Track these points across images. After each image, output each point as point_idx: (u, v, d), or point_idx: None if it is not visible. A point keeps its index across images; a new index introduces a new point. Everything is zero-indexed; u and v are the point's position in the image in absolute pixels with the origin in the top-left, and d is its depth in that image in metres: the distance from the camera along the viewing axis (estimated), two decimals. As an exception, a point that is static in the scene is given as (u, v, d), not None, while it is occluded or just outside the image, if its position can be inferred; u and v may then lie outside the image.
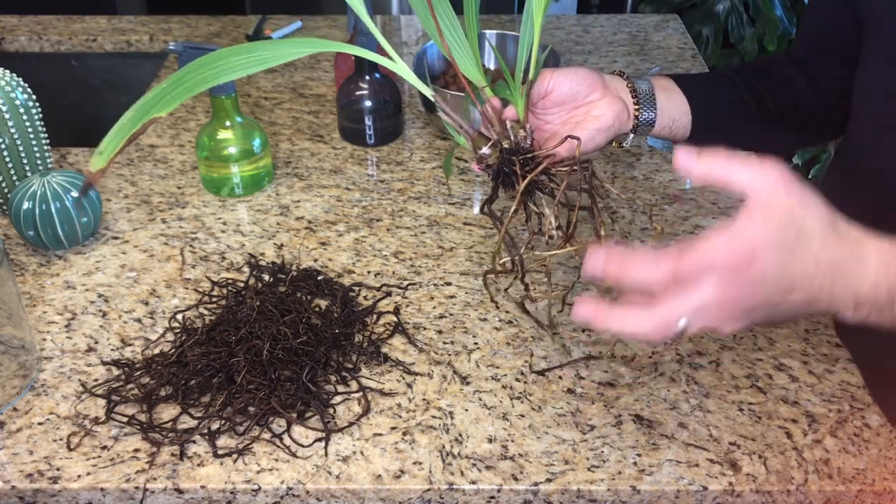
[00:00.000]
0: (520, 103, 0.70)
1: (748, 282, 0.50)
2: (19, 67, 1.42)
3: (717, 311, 0.51)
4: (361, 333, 0.82)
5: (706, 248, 0.50)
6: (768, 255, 0.50)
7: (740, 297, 0.51)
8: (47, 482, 0.68)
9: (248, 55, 0.60)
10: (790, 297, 0.52)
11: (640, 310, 0.51)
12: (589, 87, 0.74)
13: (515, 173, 0.67)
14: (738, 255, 0.50)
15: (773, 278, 0.51)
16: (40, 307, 0.86)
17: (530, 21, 0.69)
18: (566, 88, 0.73)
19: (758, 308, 0.52)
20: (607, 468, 0.69)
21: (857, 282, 0.53)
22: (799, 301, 0.53)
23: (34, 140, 0.96)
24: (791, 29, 1.96)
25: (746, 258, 0.50)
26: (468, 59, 0.70)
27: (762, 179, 0.50)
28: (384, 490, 0.68)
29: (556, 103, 0.74)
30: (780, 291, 0.52)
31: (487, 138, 0.69)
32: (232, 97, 0.98)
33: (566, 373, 0.78)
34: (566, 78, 0.73)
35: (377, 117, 1.11)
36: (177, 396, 0.74)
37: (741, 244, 0.50)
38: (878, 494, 0.68)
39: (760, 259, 0.50)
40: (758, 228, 0.50)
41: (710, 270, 0.50)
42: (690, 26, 1.98)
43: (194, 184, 1.06)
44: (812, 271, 0.52)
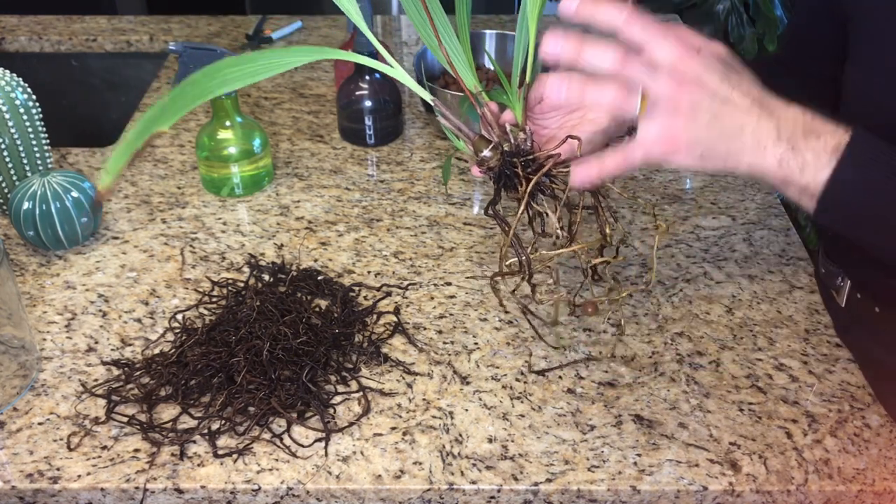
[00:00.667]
0: (517, 107, 0.70)
1: (693, 67, 0.60)
2: (19, 67, 1.42)
3: (667, 85, 0.60)
4: (361, 333, 0.82)
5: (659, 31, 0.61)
6: (709, 54, 0.61)
7: (686, 78, 0.60)
8: (47, 482, 0.68)
9: (248, 65, 0.60)
10: (727, 110, 0.61)
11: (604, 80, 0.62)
12: None
13: (518, 175, 0.67)
14: (687, 39, 0.61)
15: (714, 76, 0.60)
16: (40, 307, 0.86)
17: (525, 24, 0.69)
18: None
19: (703, 104, 0.61)
20: (607, 468, 0.69)
21: (781, 112, 0.62)
22: (733, 119, 0.61)
23: (34, 140, 0.96)
24: (791, 29, 1.96)
25: (693, 43, 0.61)
26: (462, 63, 0.70)
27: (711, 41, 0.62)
28: (384, 490, 0.68)
29: (552, 107, 0.75)
30: (720, 95, 0.61)
31: (488, 141, 0.69)
32: (232, 97, 0.98)
33: (566, 373, 0.78)
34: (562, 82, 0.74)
35: (377, 117, 1.11)
36: (177, 396, 0.74)
37: (689, 37, 0.61)
38: (878, 494, 0.68)
39: (703, 52, 0.61)
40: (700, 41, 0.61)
41: (662, 41, 0.60)
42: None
43: (194, 184, 1.06)
44: (745, 88, 0.62)
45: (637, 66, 0.60)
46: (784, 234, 0.97)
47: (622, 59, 0.60)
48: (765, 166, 0.62)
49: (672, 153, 0.62)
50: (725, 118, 0.61)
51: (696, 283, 0.90)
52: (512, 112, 0.71)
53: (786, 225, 0.99)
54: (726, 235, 0.97)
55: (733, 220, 1.00)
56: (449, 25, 0.69)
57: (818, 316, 0.85)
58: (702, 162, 0.63)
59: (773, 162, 0.62)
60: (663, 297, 0.88)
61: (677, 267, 0.92)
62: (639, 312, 0.85)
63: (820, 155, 0.62)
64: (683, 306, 0.86)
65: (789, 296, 0.88)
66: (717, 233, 0.98)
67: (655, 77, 0.60)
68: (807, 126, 0.62)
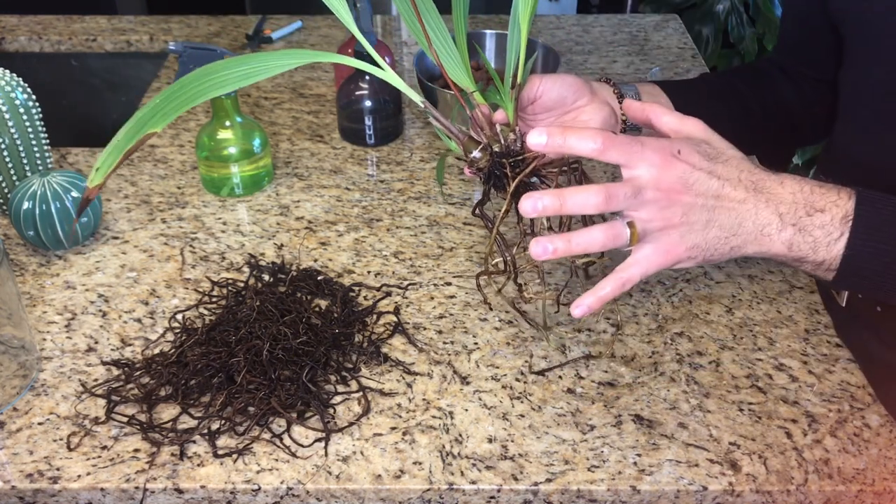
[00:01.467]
0: (509, 107, 0.70)
1: (677, 174, 0.59)
2: (19, 67, 1.42)
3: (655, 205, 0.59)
4: (361, 333, 0.82)
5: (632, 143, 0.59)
6: (692, 152, 0.59)
7: (672, 189, 0.59)
8: (47, 482, 0.68)
9: (242, 67, 0.60)
10: (721, 206, 0.60)
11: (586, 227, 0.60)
12: (576, 92, 0.76)
13: (506, 175, 0.67)
14: (664, 146, 0.59)
15: (700, 174, 0.59)
16: (40, 307, 0.86)
17: (517, 25, 0.69)
18: (554, 94, 0.75)
19: (695, 209, 0.59)
20: (607, 468, 0.69)
21: (777, 194, 0.61)
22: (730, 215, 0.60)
23: (34, 140, 0.96)
24: (791, 29, 1.96)
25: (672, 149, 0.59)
26: (456, 63, 0.70)
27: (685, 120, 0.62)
28: (384, 490, 0.68)
29: (544, 108, 0.76)
30: (711, 193, 0.60)
31: (478, 142, 0.69)
32: (232, 97, 0.98)
33: (566, 373, 0.78)
34: (554, 84, 0.75)
35: (377, 117, 1.11)
36: (177, 396, 0.74)
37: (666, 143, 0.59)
38: (878, 494, 0.68)
39: (684, 153, 0.59)
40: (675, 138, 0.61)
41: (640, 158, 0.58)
42: (690, 26, 1.98)
43: (194, 184, 1.06)
44: (735, 177, 0.60)
45: (621, 199, 0.59)
46: (784, 234, 0.97)
47: (605, 198, 0.58)
48: (774, 251, 0.62)
49: (673, 263, 0.62)
50: (722, 216, 0.60)
51: (696, 283, 0.90)
52: (504, 112, 0.71)
53: (786, 225, 0.99)
54: (726, 235, 0.97)
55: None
56: (442, 24, 0.69)
57: (818, 316, 0.85)
58: (707, 261, 0.62)
59: (781, 247, 0.61)
60: (663, 297, 0.88)
61: (677, 267, 0.92)
62: (639, 312, 0.86)
63: (829, 231, 0.61)
64: (683, 306, 0.86)
65: (789, 296, 0.88)
66: (717, 233, 0.98)
67: (640, 203, 0.59)
68: (808, 203, 0.61)
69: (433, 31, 0.69)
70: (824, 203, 0.61)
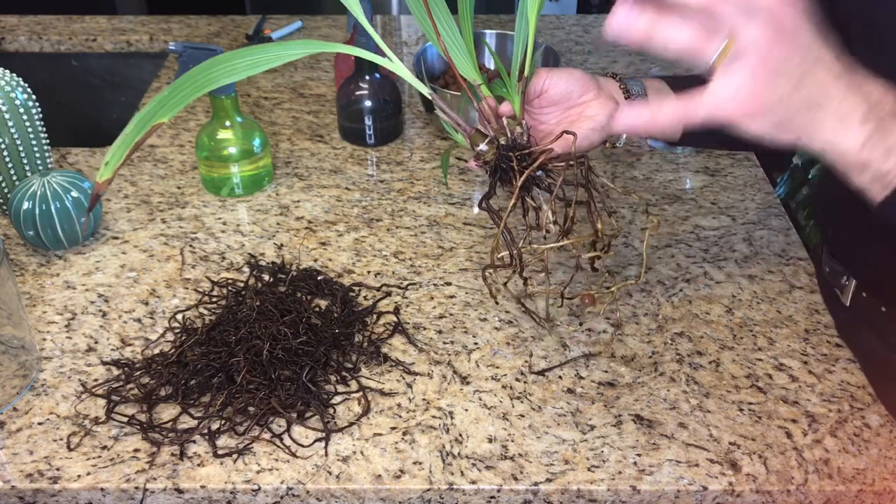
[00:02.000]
0: (516, 100, 0.71)
1: (793, 14, 0.52)
2: (19, 67, 1.43)
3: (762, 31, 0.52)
4: (361, 333, 0.82)
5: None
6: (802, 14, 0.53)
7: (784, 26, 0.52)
8: (47, 482, 0.68)
9: (248, 57, 0.60)
10: (817, 71, 0.54)
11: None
12: (583, 87, 0.75)
13: (512, 169, 0.67)
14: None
15: (811, 30, 0.53)
16: (40, 307, 0.86)
17: (525, 19, 0.69)
18: (561, 88, 0.74)
19: (796, 58, 0.53)
20: (607, 468, 0.69)
21: (869, 89, 0.56)
22: (822, 84, 0.55)
23: (34, 140, 0.96)
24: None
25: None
26: (464, 57, 0.70)
27: None
28: (384, 490, 0.68)
29: (551, 102, 0.75)
30: (814, 51, 0.54)
31: (484, 135, 0.69)
32: (232, 97, 0.98)
33: (566, 373, 0.78)
34: (561, 78, 0.74)
35: (377, 117, 1.11)
36: (177, 396, 0.74)
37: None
38: (878, 494, 0.68)
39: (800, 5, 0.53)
40: None
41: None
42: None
43: (194, 184, 1.06)
44: (836, 54, 0.54)
45: (730, 5, 0.51)
46: (784, 234, 0.97)
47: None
48: (845, 145, 0.56)
49: (748, 115, 0.55)
50: (814, 83, 0.54)
51: (696, 283, 0.90)
52: (511, 105, 0.71)
53: (786, 225, 0.99)
54: (726, 235, 0.97)
55: (733, 220, 1.00)
56: (451, 18, 0.69)
57: (818, 316, 0.85)
58: (775, 131, 0.55)
59: (855, 142, 0.56)
60: (663, 297, 0.88)
61: (677, 267, 0.92)
62: (639, 312, 0.85)
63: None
64: (683, 306, 0.86)
65: (789, 296, 0.88)
66: (717, 233, 0.98)
67: (750, 20, 0.52)
68: (894, 107, 0.56)
69: (442, 25, 0.69)
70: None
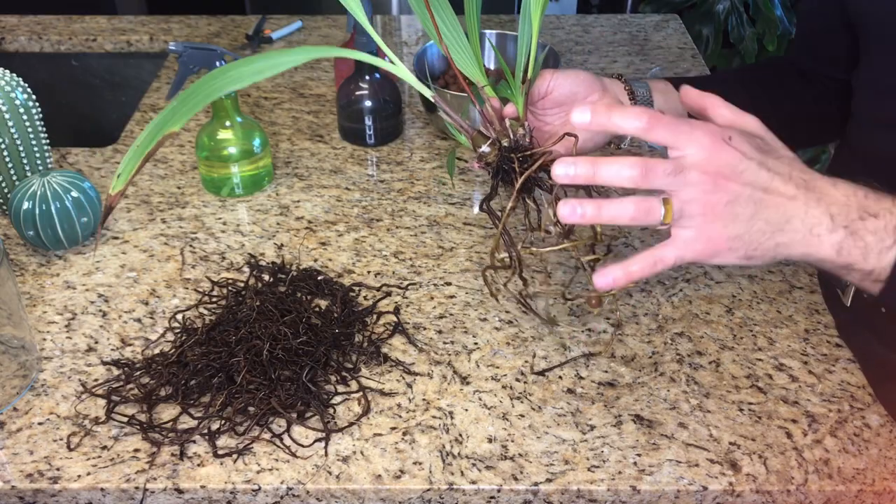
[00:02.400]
0: (519, 101, 0.70)
1: (726, 159, 0.55)
2: (19, 67, 1.43)
3: (698, 188, 0.55)
4: (361, 333, 0.82)
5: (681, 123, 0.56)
6: (744, 141, 0.56)
7: (720, 174, 0.55)
8: (47, 482, 0.68)
9: (253, 65, 0.61)
10: (769, 200, 0.57)
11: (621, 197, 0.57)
12: (588, 88, 0.75)
13: (514, 170, 0.67)
14: (715, 130, 0.56)
15: (750, 164, 0.56)
16: (40, 307, 0.86)
17: (528, 19, 0.69)
18: (566, 89, 0.74)
19: (741, 198, 0.56)
20: (607, 468, 0.69)
21: (830, 195, 0.57)
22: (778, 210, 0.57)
23: (34, 140, 0.96)
24: (791, 29, 1.96)
25: (723, 134, 0.56)
26: (468, 58, 0.70)
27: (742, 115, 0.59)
28: (384, 490, 0.68)
29: (555, 103, 0.75)
30: (760, 184, 0.56)
31: (487, 136, 0.69)
32: (232, 97, 0.98)
33: (566, 373, 0.78)
34: (566, 79, 0.74)
35: (377, 117, 1.11)
36: (177, 396, 0.74)
37: (717, 128, 0.56)
38: (878, 494, 0.68)
39: (735, 140, 0.55)
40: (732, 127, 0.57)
41: (689, 139, 0.55)
42: (690, 26, 1.98)
43: (194, 184, 1.06)
44: (786, 172, 0.57)
45: (660, 176, 0.56)
46: (784, 234, 0.97)
47: (642, 173, 0.56)
48: (821, 255, 0.59)
49: (711, 255, 0.58)
50: (769, 209, 0.57)
51: (696, 283, 0.90)
52: (514, 106, 0.71)
53: (786, 225, 0.99)
54: (726, 235, 0.97)
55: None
56: (454, 18, 0.69)
57: (818, 316, 0.85)
58: (747, 260, 0.58)
59: (830, 250, 0.58)
60: (663, 297, 0.88)
61: (677, 267, 0.92)
62: (639, 312, 0.85)
63: (882, 237, 0.58)
64: (683, 306, 0.86)
65: (789, 296, 0.88)
66: (717, 233, 0.98)
67: (682, 183, 0.56)
68: (861, 206, 0.58)
69: (444, 26, 0.68)
70: (878, 209, 0.58)
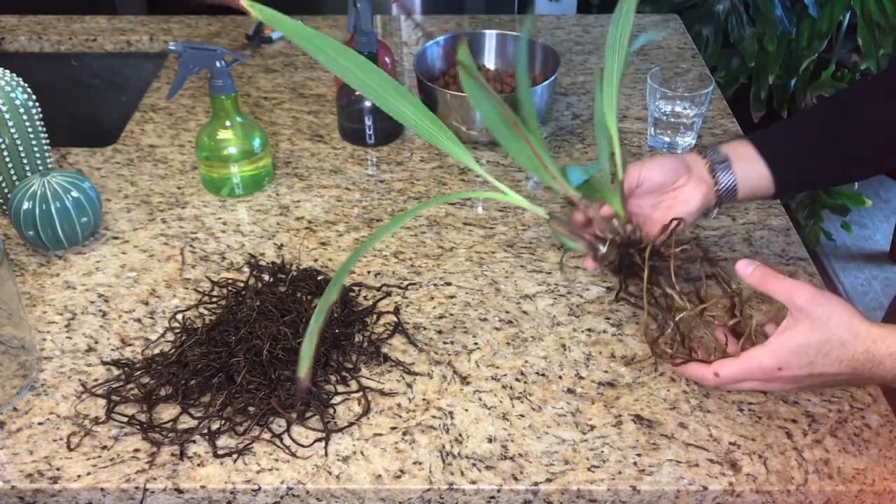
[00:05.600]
0: (616, 201, 0.77)
1: (778, 378, 0.68)
2: (19, 67, 1.42)
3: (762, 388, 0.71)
4: (361, 333, 0.82)
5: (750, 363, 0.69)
6: (791, 367, 0.67)
7: (776, 386, 0.70)
8: (47, 482, 0.68)
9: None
10: (825, 381, 0.69)
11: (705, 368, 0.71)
12: (676, 175, 0.80)
13: (638, 265, 0.74)
14: (767, 370, 0.68)
15: (802, 375, 0.67)
16: (40, 307, 0.86)
17: (605, 128, 0.76)
18: (655, 180, 0.80)
19: (796, 386, 0.70)
20: (607, 468, 0.69)
21: (886, 365, 0.65)
22: (836, 382, 0.71)
23: (34, 140, 0.96)
24: (791, 29, 1.96)
25: (773, 372, 0.68)
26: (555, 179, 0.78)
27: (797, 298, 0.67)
28: (384, 490, 0.68)
29: (646, 192, 0.81)
30: (813, 378, 0.68)
31: (603, 239, 0.76)
32: (232, 97, 0.98)
33: (566, 373, 0.78)
34: (653, 170, 0.79)
35: (377, 117, 1.11)
36: (177, 396, 0.74)
37: (770, 360, 0.68)
38: (878, 494, 0.68)
39: (785, 369, 0.67)
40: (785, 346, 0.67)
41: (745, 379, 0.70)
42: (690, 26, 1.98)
43: (194, 184, 1.06)
44: (836, 369, 0.66)
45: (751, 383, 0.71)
46: (784, 234, 0.97)
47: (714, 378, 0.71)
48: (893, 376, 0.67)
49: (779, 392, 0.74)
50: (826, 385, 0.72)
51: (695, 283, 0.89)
52: (608, 205, 0.77)
53: (786, 225, 0.99)
54: (726, 235, 0.97)
55: (733, 220, 1.00)
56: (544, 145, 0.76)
57: (818, 316, 0.85)
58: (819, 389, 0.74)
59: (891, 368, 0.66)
60: (663, 297, 0.87)
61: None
62: (639, 312, 0.85)
63: None
64: (683, 306, 0.86)
65: (789, 296, 0.88)
66: (717, 233, 0.98)
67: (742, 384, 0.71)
68: None
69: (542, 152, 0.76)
70: None
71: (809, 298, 0.66)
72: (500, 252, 0.94)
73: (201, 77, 1.29)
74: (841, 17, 1.94)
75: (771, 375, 0.68)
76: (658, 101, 1.09)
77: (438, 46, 1.20)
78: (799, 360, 0.67)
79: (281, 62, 1.37)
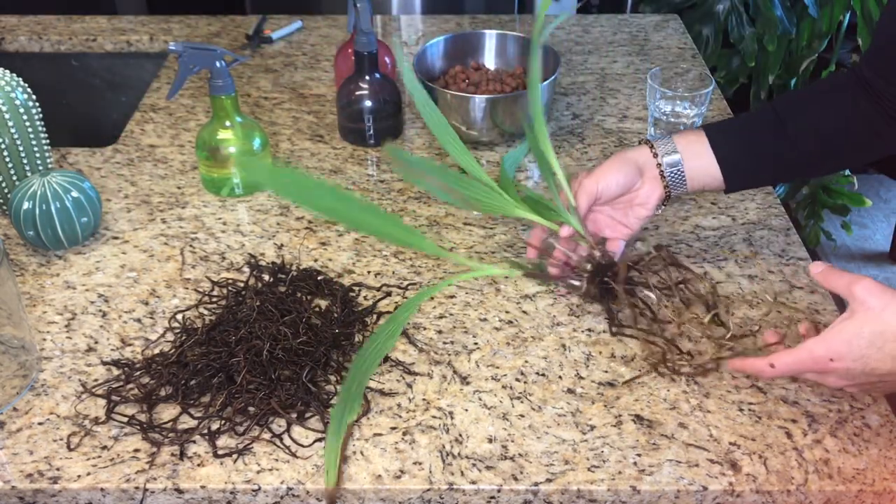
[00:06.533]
0: (576, 225, 0.80)
1: (831, 371, 0.68)
2: (19, 67, 1.42)
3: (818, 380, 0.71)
4: (361, 333, 0.82)
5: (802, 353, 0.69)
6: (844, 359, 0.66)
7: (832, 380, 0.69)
8: (47, 482, 0.68)
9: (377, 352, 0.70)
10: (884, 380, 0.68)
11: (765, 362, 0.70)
12: (632, 181, 0.83)
13: (612, 288, 0.77)
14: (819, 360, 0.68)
15: (855, 370, 0.67)
16: (40, 307, 0.86)
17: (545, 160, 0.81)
18: (613, 190, 0.83)
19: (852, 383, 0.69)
20: (607, 468, 0.69)
21: None
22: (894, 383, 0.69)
23: (34, 140, 0.96)
24: (791, 29, 1.96)
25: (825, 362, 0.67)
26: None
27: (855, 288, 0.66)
28: (384, 490, 0.68)
29: (607, 200, 0.84)
30: (868, 376, 0.67)
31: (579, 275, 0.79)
32: (232, 97, 0.98)
33: (566, 373, 0.78)
34: (610, 181, 0.82)
35: (377, 117, 1.11)
36: (177, 396, 0.74)
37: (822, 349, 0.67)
38: (878, 494, 0.68)
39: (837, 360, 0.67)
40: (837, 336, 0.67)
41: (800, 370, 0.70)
42: (690, 26, 1.98)
43: (194, 184, 1.06)
44: (890, 366, 0.65)
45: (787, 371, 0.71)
46: (784, 234, 0.97)
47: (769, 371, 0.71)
48: None
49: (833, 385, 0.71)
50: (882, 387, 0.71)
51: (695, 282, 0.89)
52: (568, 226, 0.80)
53: (786, 225, 0.99)
54: (726, 235, 0.97)
55: (733, 220, 1.00)
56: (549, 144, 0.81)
57: (818, 316, 0.85)
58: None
59: None
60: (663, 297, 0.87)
61: (677, 267, 0.92)
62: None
63: None
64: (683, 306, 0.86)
65: (789, 296, 0.88)
66: (717, 233, 0.98)
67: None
68: None
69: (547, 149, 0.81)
70: None
71: (866, 289, 0.66)
72: (500, 252, 0.94)
73: (201, 77, 1.29)
74: (841, 17, 1.94)
75: (823, 366, 0.67)
76: (658, 101, 1.09)
77: (438, 46, 1.20)
78: (851, 350, 0.65)
79: (281, 62, 1.37)
